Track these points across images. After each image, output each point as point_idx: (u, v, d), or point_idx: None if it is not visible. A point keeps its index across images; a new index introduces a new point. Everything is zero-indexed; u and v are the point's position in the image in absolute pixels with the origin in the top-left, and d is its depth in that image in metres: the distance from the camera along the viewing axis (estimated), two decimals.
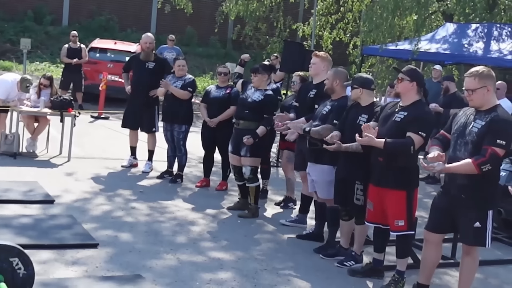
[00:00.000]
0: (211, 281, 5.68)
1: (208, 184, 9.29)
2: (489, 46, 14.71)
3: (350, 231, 6.57)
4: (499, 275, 6.72)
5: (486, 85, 5.12)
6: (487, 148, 4.95)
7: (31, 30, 23.06)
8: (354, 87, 6.31)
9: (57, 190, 8.12)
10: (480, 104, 5.17)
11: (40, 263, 5.46)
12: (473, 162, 4.96)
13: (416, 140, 5.55)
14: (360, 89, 6.28)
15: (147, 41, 9.81)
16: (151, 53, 9.83)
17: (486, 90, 5.12)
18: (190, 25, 25.70)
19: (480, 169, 4.95)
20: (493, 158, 4.96)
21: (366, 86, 6.31)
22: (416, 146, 5.56)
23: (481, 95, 5.13)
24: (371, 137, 5.64)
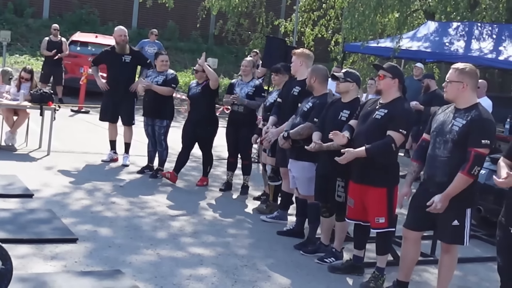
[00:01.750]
0: (191, 276, 5.67)
1: (173, 179, 9.02)
2: (470, 44, 14.82)
3: (330, 227, 6.59)
4: (478, 273, 6.77)
5: (463, 82, 5.14)
6: (470, 151, 4.97)
7: (11, 23, 22.82)
8: (348, 80, 6.29)
9: (36, 184, 8.07)
10: (452, 96, 5.21)
11: (18, 258, 5.42)
12: (463, 173, 4.98)
13: (396, 138, 5.58)
14: (354, 83, 6.29)
15: (121, 34, 9.76)
16: (126, 46, 9.77)
17: (461, 86, 5.14)
18: (171, 20, 25.60)
19: (472, 174, 4.99)
20: (478, 159, 4.99)
21: (358, 82, 6.37)
22: (397, 143, 5.60)
23: (455, 89, 5.16)
24: (349, 151, 5.70)
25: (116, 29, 10.01)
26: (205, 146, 9.10)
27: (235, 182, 9.10)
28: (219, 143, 9.66)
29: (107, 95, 9.90)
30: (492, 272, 6.39)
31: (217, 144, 9.70)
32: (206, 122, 8.94)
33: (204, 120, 8.92)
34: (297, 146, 6.74)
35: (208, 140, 9.09)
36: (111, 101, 9.81)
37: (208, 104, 8.98)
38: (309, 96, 6.91)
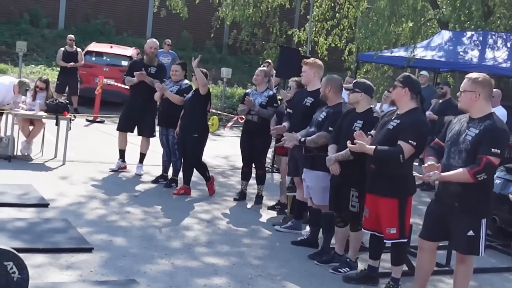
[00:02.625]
0: (206, 286, 5.67)
1: (186, 191, 8.95)
2: (484, 53, 14.75)
3: (345, 237, 6.57)
4: (494, 283, 6.72)
5: (476, 91, 5.13)
6: (482, 157, 4.96)
7: (27, 33, 23.02)
8: (356, 90, 6.29)
9: (52, 194, 8.11)
10: (466, 107, 5.20)
11: (34, 267, 5.44)
12: (469, 171, 4.97)
13: (405, 149, 5.56)
14: (362, 93, 6.27)
15: (152, 46, 9.87)
16: (155, 58, 9.86)
17: (474, 96, 5.13)
18: (186, 30, 25.71)
19: (476, 178, 4.96)
20: (488, 167, 4.97)
21: (368, 92, 6.32)
22: (405, 154, 5.56)
23: (468, 99, 5.16)
24: (362, 143, 5.68)
25: (148, 41, 10.14)
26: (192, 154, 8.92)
27: (249, 192, 9.09)
28: (233, 152, 9.67)
29: (129, 105, 9.92)
30: (508, 282, 6.36)
31: (232, 153, 9.72)
32: (194, 129, 8.79)
33: (192, 127, 8.78)
34: (310, 155, 6.74)
35: (195, 148, 8.90)
36: (131, 111, 9.84)
37: (197, 110, 8.83)
38: (322, 106, 6.91)
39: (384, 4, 15.67)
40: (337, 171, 6.22)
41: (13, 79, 10.68)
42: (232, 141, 9.21)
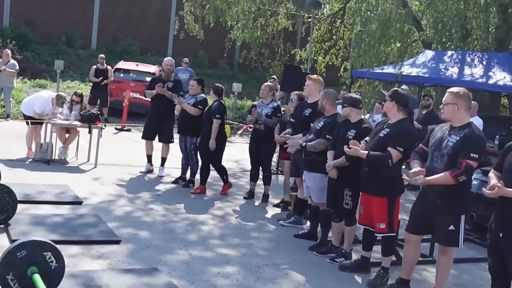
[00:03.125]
0: (219, 274, 5.66)
1: (202, 191, 8.99)
2: (462, 70, 14.70)
3: (340, 231, 6.55)
4: (472, 272, 6.68)
5: (457, 103, 5.12)
6: (462, 161, 4.95)
7: (64, 53, 23.08)
8: (345, 105, 6.33)
9: (85, 193, 8.12)
10: (448, 117, 5.18)
11: (69, 257, 5.44)
12: (450, 174, 4.96)
13: (394, 155, 5.56)
14: (350, 107, 6.29)
15: (168, 63, 9.89)
16: (171, 74, 9.89)
17: (456, 108, 5.12)
18: (202, 50, 25.72)
19: (457, 180, 4.95)
20: (467, 170, 4.96)
21: (355, 105, 6.31)
22: (394, 159, 5.56)
23: (451, 110, 5.14)
24: (356, 148, 5.72)
25: (165, 59, 10.15)
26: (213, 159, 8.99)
27: (257, 191, 9.08)
28: (243, 157, 9.67)
29: (150, 115, 9.94)
30: (484, 271, 6.29)
31: (242, 157, 9.71)
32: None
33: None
34: (309, 159, 6.74)
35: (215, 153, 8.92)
36: (152, 121, 9.85)
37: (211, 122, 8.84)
38: (320, 116, 6.91)
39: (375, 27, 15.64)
40: (335, 175, 6.23)
41: (51, 93, 10.71)
42: (242, 147, 9.21)
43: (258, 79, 24.78)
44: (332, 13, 22.54)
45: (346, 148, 5.81)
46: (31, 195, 7.59)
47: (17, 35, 22.09)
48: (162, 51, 25.55)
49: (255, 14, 20.03)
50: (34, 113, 10.17)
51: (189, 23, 19.91)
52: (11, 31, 22.62)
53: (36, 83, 19.12)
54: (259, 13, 20.21)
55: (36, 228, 6.27)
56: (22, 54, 20.27)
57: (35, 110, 10.15)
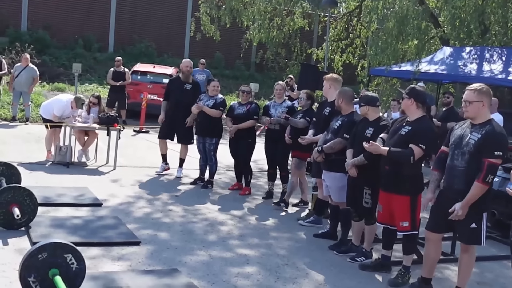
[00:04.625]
0: (239, 274, 5.65)
1: (240, 187, 9.24)
2: (481, 66, 14.57)
3: (360, 230, 6.52)
4: (494, 270, 6.61)
5: (482, 100, 5.06)
6: (484, 161, 4.89)
7: (81, 56, 23.26)
8: (362, 104, 6.31)
9: (104, 195, 8.16)
10: (473, 115, 5.11)
11: (90, 259, 5.48)
12: (478, 181, 4.91)
13: (416, 151, 5.52)
14: (367, 106, 6.27)
15: (188, 65, 9.90)
16: (190, 75, 9.89)
17: (481, 105, 5.07)
18: (218, 51, 25.77)
19: (486, 183, 4.91)
20: (491, 168, 4.91)
21: (372, 103, 6.28)
22: (416, 156, 5.52)
23: (476, 108, 5.08)
24: (377, 145, 5.68)
25: (184, 60, 10.15)
26: (245, 159, 9.10)
27: (275, 191, 9.06)
28: (260, 157, 9.65)
29: (168, 116, 9.90)
30: (506, 269, 6.24)
31: (259, 157, 9.70)
32: (246, 138, 9.00)
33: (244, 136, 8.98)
34: (329, 159, 6.72)
35: (247, 154, 9.09)
36: (170, 121, 9.84)
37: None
38: (338, 115, 6.89)
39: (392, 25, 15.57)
40: (354, 174, 6.21)
41: (70, 96, 10.78)
42: (260, 147, 9.19)
43: (275, 79, 24.67)
44: (349, 12, 22.45)
45: (366, 145, 5.77)
46: (51, 198, 7.64)
47: (35, 39, 22.29)
48: (178, 52, 25.65)
49: (271, 14, 20.02)
50: (53, 116, 10.25)
51: (205, 24, 19.96)
52: (29, 35, 22.83)
53: (55, 87, 19.28)
54: (275, 12, 20.19)
55: (56, 230, 6.31)
56: (40, 58, 20.44)
57: (54, 113, 10.22)
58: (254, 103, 9.18)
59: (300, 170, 8.47)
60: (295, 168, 8.45)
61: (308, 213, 8.03)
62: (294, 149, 8.30)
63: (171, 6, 26.21)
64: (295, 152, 8.35)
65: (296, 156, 8.38)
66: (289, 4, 20.65)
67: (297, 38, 22.21)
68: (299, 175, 8.52)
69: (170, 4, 26.28)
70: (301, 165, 8.43)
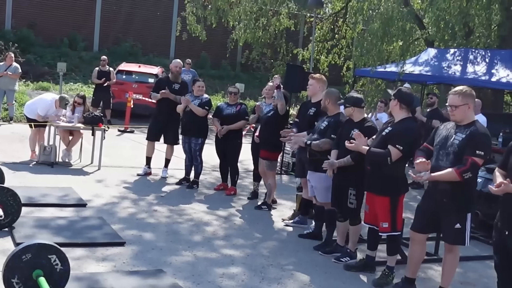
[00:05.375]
0: (224, 275, 5.65)
1: (226, 187, 9.26)
2: (465, 68, 14.68)
3: (345, 231, 6.54)
4: (477, 270, 6.66)
5: (468, 103, 5.10)
6: (468, 158, 4.93)
7: (66, 55, 23.09)
8: (347, 106, 6.32)
9: (89, 195, 8.11)
10: (460, 119, 5.14)
11: (74, 260, 5.45)
12: (456, 170, 4.93)
13: (393, 153, 5.53)
14: (352, 107, 6.29)
15: (177, 65, 9.90)
16: (179, 76, 9.86)
17: (467, 108, 5.11)
18: (204, 51, 25.73)
19: (462, 176, 4.93)
20: (473, 167, 4.94)
21: (357, 104, 6.30)
22: (393, 157, 5.53)
23: (463, 111, 5.11)
24: (357, 143, 5.72)
25: (173, 60, 10.13)
26: (232, 159, 9.12)
27: (260, 191, 9.06)
28: (246, 157, 9.65)
29: (155, 117, 9.90)
30: (489, 269, 6.28)
31: (244, 158, 9.70)
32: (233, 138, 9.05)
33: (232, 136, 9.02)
34: (314, 159, 6.72)
35: (235, 154, 9.11)
36: (158, 123, 9.81)
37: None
38: (324, 116, 6.90)
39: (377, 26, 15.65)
40: (330, 174, 6.27)
41: (54, 96, 10.70)
42: (245, 147, 9.20)
43: (261, 79, 24.78)
44: (334, 12, 22.55)
45: (348, 144, 5.79)
46: (35, 198, 7.59)
47: (19, 38, 22.11)
48: (164, 52, 25.59)
49: (257, 14, 20.05)
50: (38, 115, 10.17)
51: (191, 24, 19.94)
52: (13, 34, 22.64)
53: (39, 86, 19.14)
54: (260, 13, 20.23)
55: (40, 231, 6.27)
56: (25, 57, 20.29)
57: (38, 113, 10.15)
58: (243, 104, 9.20)
59: (273, 171, 8.48)
60: (269, 170, 8.41)
61: (293, 214, 8.03)
62: (263, 149, 8.28)
63: (157, 6, 26.12)
64: (264, 152, 8.31)
65: (266, 157, 8.34)
66: (275, 4, 20.70)
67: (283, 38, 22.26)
68: (273, 175, 8.50)
69: (156, 3, 26.19)
70: (272, 165, 8.44)
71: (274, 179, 8.51)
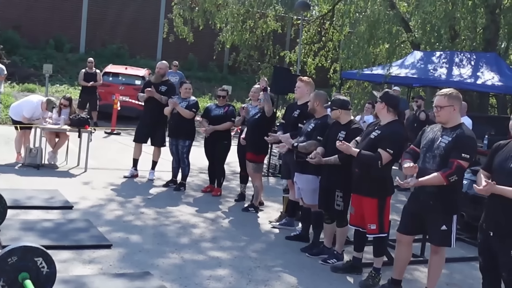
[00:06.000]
0: (211, 277, 5.65)
1: (213, 189, 9.27)
2: (451, 71, 14.79)
3: (332, 232, 6.56)
4: (463, 271, 6.71)
5: (453, 105, 5.14)
6: (453, 161, 4.96)
7: (52, 57, 23.00)
8: (334, 108, 6.34)
9: (75, 197, 8.08)
10: (445, 120, 5.18)
11: (60, 262, 5.42)
12: (442, 174, 4.97)
13: (383, 156, 5.57)
14: (339, 110, 6.31)
15: (159, 66, 9.89)
16: (160, 77, 9.81)
17: (452, 109, 5.14)
18: (191, 52, 25.72)
19: (448, 180, 4.96)
20: (459, 170, 4.98)
21: (344, 107, 6.33)
22: (383, 161, 5.57)
23: (448, 113, 5.15)
24: (349, 145, 5.72)
25: (158, 63, 10.11)
26: (220, 161, 9.14)
27: (247, 193, 9.07)
28: (233, 159, 9.66)
29: (143, 120, 9.88)
30: (474, 270, 6.32)
31: (231, 160, 9.70)
32: (222, 140, 9.05)
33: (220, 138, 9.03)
34: (300, 160, 6.73)
35: (223, 156, 9.12)
36: (146, 125, 9.78)
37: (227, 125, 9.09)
38: (309, 118, 6.92)
39: (364, 29, 15.74)
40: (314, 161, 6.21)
41: (40, 97, 10.66)
42: (232, 149, 9.21)
43: (248, 81, 24.80)
44: (321, 15, 22.61)
45: (338, 143, 5.79)
46: (20, 201, 7.54)
47: (4, 39, 21.98)
48: (151, 54, 25.54)
49: (244, 16, 20.06)
50: (23, 117, 10.11)
51: (178, 26, 19.92)
52: None
53: (25, 88, 19.03)
54: (248, 15, 20.24)
55: (26, 233, 6.23)
56: (10, 58, 20.16)
57: (24, 115, 10.09)
58: (231, 105, 9.21)
59: (259, 173, 8.50)
60: (255, 172, 8.42)
61: (280, 216, 8.05)
62: (249, 151, 8.29)
63: (143, 7, 26.08)
64: (250, 155, 8.31)
65: (252, 160, 8.34)
66: (262, 6, 20.72)
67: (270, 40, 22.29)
68: (259, 178, 8.52)
69: (143, 5, 26.14)
70: (259, 168, 8.45)
71: (260, 181, 8.53)
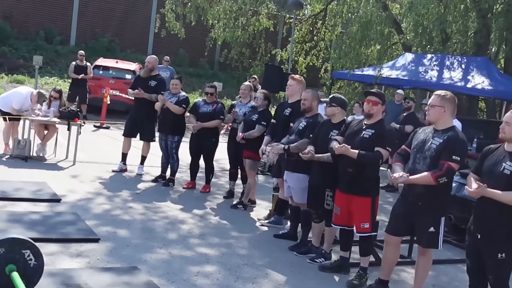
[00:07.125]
0: (199, 273, 5.65)
1: (194, 186, 9.27)
2: (442, 74, 14.87)
3: (320, 232, 6.58)
4: (449, 273, 6.75)
5: (444, 106, 5.17)
6: (444, 163, 4.99)
7: (42, 49, 22.86)
8: (333, 105, 6.34)
9: (63, 190, 8.04)
10: (434, 119, 5.21)
11: (48, 255, 5.38)
12: (432, 175, 5.00)
13: (384, 154, 5.64)
14: (338, 107, 6.33)
15: (147, 61, 9.87)
16: (149, 71, 9.78)
17: (442, 110, 5.17)
18: (182, 48, 25.65)
19: (438, 181, 4.99)
20: (449, 172, 5.01)
21: (343, 106, 6.37)
22: (383, 159, 5.66)
23: (437, 112, 5.18)
24: (347, 146, 5.69)
25: (148, 57, 10.08)
26: (208, 158, 9.13)
27: (236, 191, 9.07)
28: (222, 156, 9.65)
29: (132, 113, 9.86)
30: (461, 272, 6.38)
31: (221, 157, 9.70)
32: (210, 136, 9.02)
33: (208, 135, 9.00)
34: (292, 159, 6.74)
35: (211, 152, 9.11)
36: (134, 119, 9.76)
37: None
38: (300, 116, 6.92)
39: (355, 29, 15.79)
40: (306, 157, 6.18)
41: (30, 89, 10.59)
42: (222, 146, 9.20)
43: (238, 79, 24.77)
44: (314, 14, 22.67)
45: (336, 146, 5.76)
46: (8, 192, 7.50)
47: None
48: (142, 48, 25.44)
49: (236, 13, 20.07)
50: (12, 109, 10.04)
51: (170, 21, 19.88)
52: None
53: (14, 79, 18.92)
54: (240, 12, 20.25)
55: (13, 225, 6.19)
56: None
57: (13, 106, 10.02)
58: (220, 102, 9.18)
59: (254, 170, 8.50)
60: (250, 169, 8.43)
61: (269, 214, 8.06)
62: (247, 149, 8.29)
63: (136, 2, 25.97)
64: (248, 152, 8.30)
65: (249, 157, 8.34)
66: (254, 4, 20.74)
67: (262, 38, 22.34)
68: (253, 175, 8.53)
69: None
70: (255, 165, 8.46)
71: (254, 179, 8.53)
